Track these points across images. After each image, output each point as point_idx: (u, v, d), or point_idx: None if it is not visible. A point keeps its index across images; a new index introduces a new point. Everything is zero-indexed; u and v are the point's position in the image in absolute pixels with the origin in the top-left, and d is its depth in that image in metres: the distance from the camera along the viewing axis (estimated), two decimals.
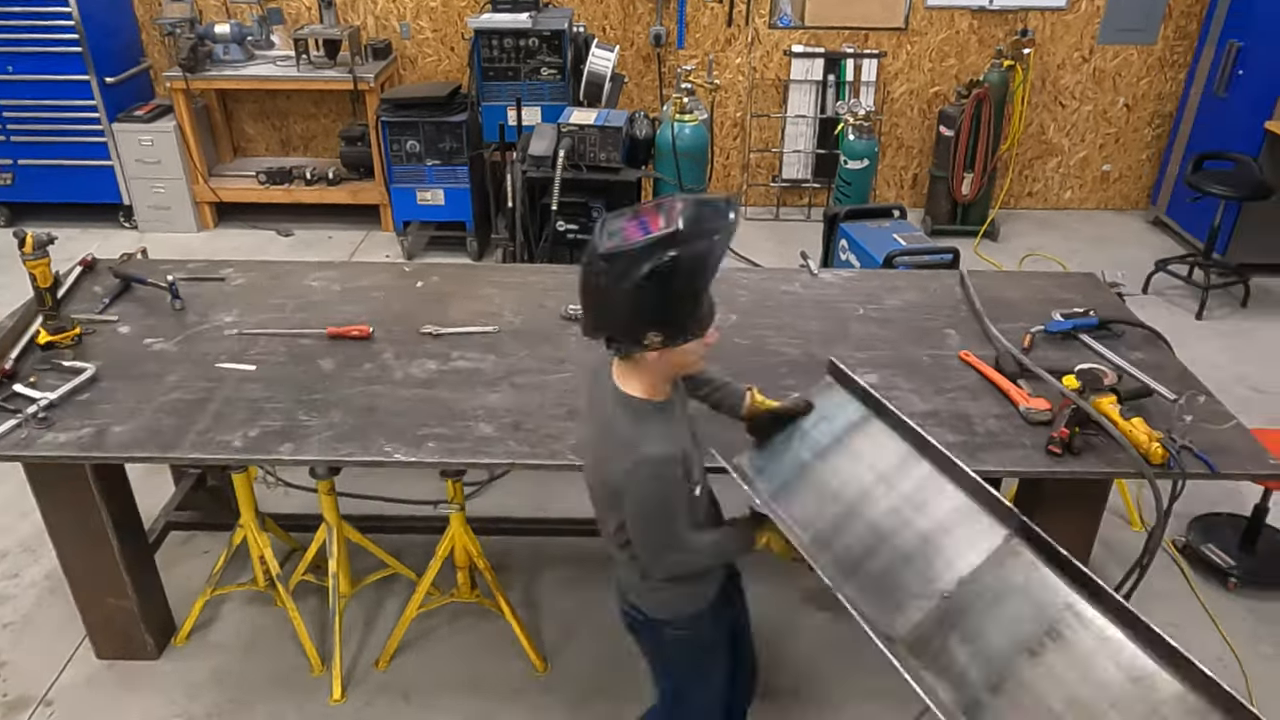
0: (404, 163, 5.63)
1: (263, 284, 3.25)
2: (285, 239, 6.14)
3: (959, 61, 6.26)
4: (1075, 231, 6.35)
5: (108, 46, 5.84)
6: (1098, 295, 3.27)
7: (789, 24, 6.18)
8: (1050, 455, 2.46)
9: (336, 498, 2.98)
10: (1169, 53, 6.22)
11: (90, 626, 2.99)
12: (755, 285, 3.32)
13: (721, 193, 1.71)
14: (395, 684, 2.98)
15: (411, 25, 6.23)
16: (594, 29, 6.07)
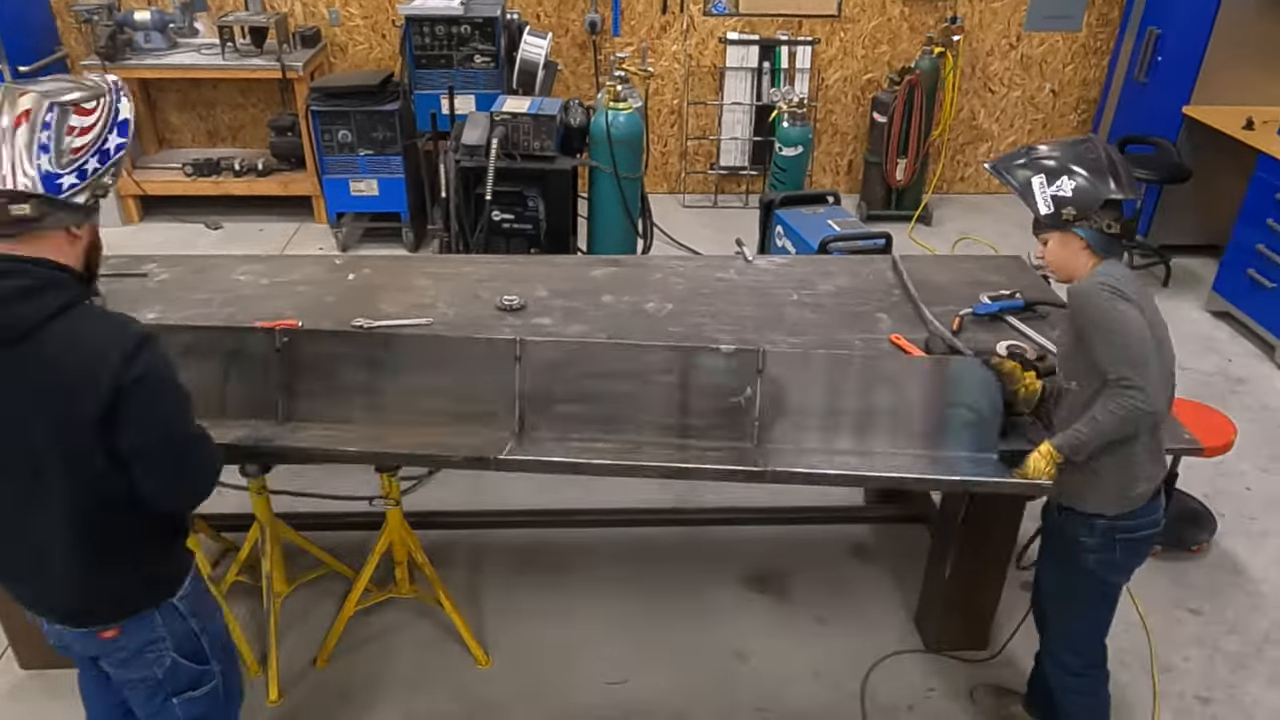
0: (336, 153, 5.52)
1: (187, 279, 3.17)
2: (214, 232, 5.98)
3: (891, 48, 6.34)
4: (1006, 216, 6.48)
5: (19, 34, 5.61)
6: (1024, 277, 3.35)
7: (724, 11, 6.20)
8: None
9: (269, 496, 2.92)
10: (1092, 39, 6.38)
11: (12, 635, 2.90)
12: (691, 273, 3.33)
13: None
14: (333, 682, 2.94)
15: (341, 12, 6.10)
16: (528, 16, 6.02)
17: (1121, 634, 3.17)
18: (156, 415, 1.75)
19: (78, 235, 1.73)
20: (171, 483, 1.83)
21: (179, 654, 1.97)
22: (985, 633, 3.07)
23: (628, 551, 3.48)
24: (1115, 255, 2.20)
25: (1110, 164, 2.16)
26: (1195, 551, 3.54)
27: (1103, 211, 2.15)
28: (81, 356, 1.66)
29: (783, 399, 2.50)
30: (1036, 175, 2.19)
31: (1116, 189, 2.14)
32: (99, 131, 1.70)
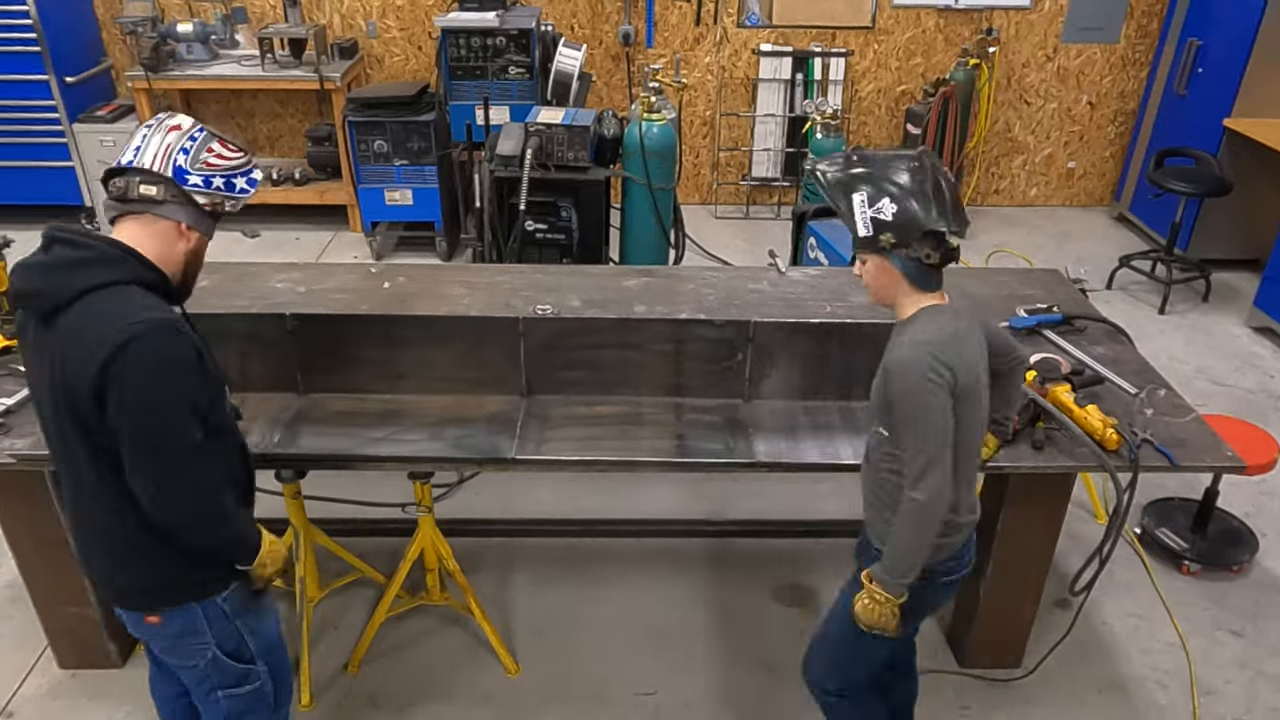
0: (371, 163, 5.59)
1: (227, 285, 3.21)
2: (251, 240, 5.97)
3: (925, 60, 6.31)
4: (1041, 228, 6.42)
5: (67, 46, 5.74)
6: (1061, 291, 3.32)
7: (757, 23, 6.20)
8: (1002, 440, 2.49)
9: (303, 501, 2.95)
10: (1131, 51, 6.31)
11: (52, 635, 2.94)
12: (723, 284, 3.32)
13: None
14: (364, 688, 2.96)
15: (378, 24, 6.18)
16: (562, 28, 6.06)
17: (1161, 655, 3.12)
18: (137, 407, 1.74)
19: (186, 234, 1.88)
20: (150, 485, 1.80)
21: (221, 650, 2.01)
22: (1020, 651, 3.03)
23: (658, 561, 3.47)
24: (933, 288, 2.04)
25: (937, 189, 1.97)
26: (1236, 571, 3.47)
27: (923, 241, 1.96)
28: (89, 334, 1.72)
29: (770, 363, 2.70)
30: (858, 191, 2.00)
31: (939, 219, 1.95)
32: (232, 167, 1.91)
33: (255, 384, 2.68)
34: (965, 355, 2.02)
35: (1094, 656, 3.11)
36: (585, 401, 2.69)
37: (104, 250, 1.78)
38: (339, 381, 2.67)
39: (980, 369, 2.08)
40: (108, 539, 1.91)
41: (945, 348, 1.98)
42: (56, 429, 1.84)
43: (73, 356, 1.73)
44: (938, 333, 1.99)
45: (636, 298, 3.17)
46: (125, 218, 1.85)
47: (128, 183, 1.83)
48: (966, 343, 2.04)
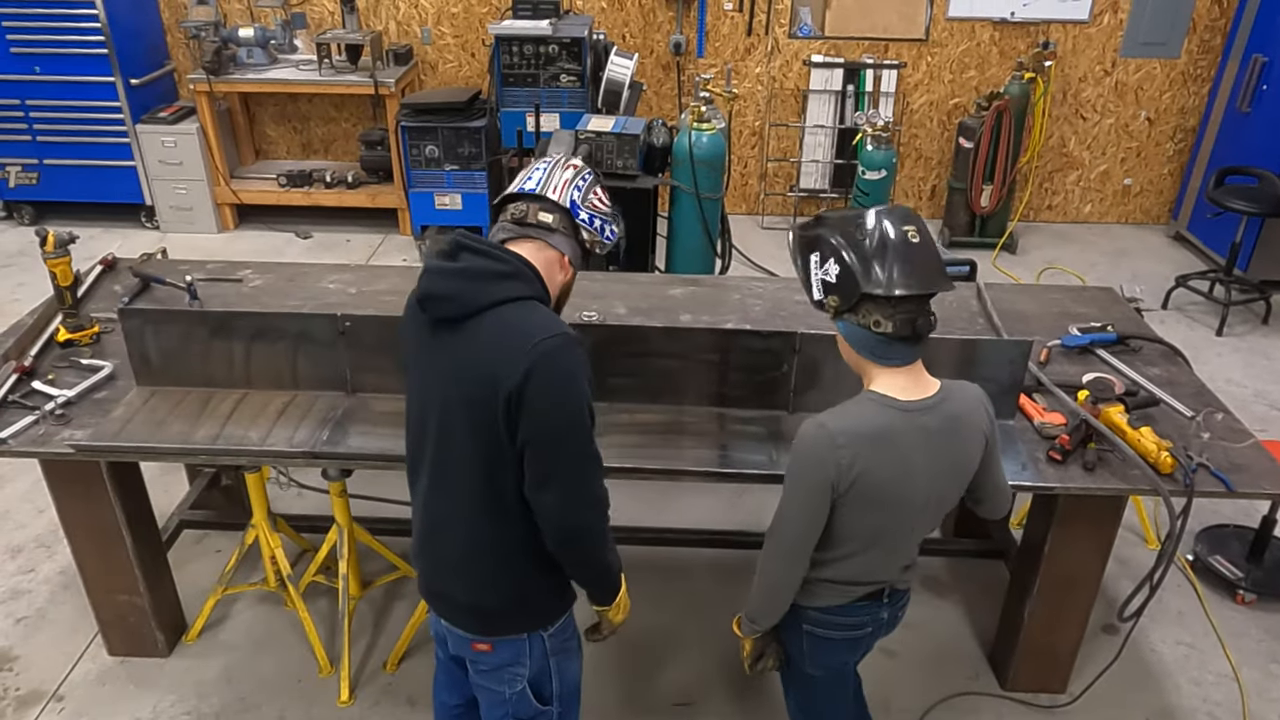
0: (423, 167, 5.66)
1: (280, 285, 3.27)
2: (304, 241, 6.18)
3: (979, 73, 6.24)
4: (1094, 245, 6.30)
5: (133, 49, 5.91)
6: (1116, 310, 3.25)
7: (809, 34, 6.18)
8: (1051, 462, 2.45)
9: (348, 499, 2.99)
10: (1192, 67, 6.17)
11: (103, 623, 3.01)
12: (770, 294, 3.31)
13: None
14: (402, 687, 2.98)
15: (433, 31, 6.27)
16: (614, 37, 6.09)
17: (1213, 686, 3.03)
18: (558, 414, 1.77)
19: (566, 268, 1.94)
20: (561, 491, 1.81)
21: (530, 684, 2.01)
22: (1065, 675, 2.96)
23: (694, 572, 3.46)
24: (892, 362, 1.83)
25: (884, 246, 1.76)
26: None
27: (869, 307, 1.78)
28: (504, 345, 1.75)
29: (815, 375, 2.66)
30: (815, 251, 1.85)
31: (877, 283, 1.75)
32: (608, 213, 2.01)
33: (305, 382, 2.72)
34: (885, 457, 1.82)
35: (1142, 685, 3.04)
36: (628, 409, 2.69)
37: (518, 266, 1.82)
38: (386, 382, 2.71)
39: (919, 479, 1.87)
40: (464, 554, 1.91)
41: (853, 443, 1.81)
42: (443, 432, 1.84)
43: (488, 363, 1.75)
44: (856, 422, 1.83)
45: (682, 306, 3.17)
46: (519, 240, 1.88)
47: (529, 208, 1.88)
48: (895, 447, 1.83)
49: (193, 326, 2.67)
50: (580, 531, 1.87)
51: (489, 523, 1.86)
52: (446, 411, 1.82)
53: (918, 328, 1.79)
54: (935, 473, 1.89)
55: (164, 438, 2.52)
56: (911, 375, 1.87)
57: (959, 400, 1.90)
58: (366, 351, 2.68)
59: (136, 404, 2.65)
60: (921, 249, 1.79)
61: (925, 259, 1.79)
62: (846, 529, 1.91)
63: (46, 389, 2.67)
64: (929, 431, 1.85)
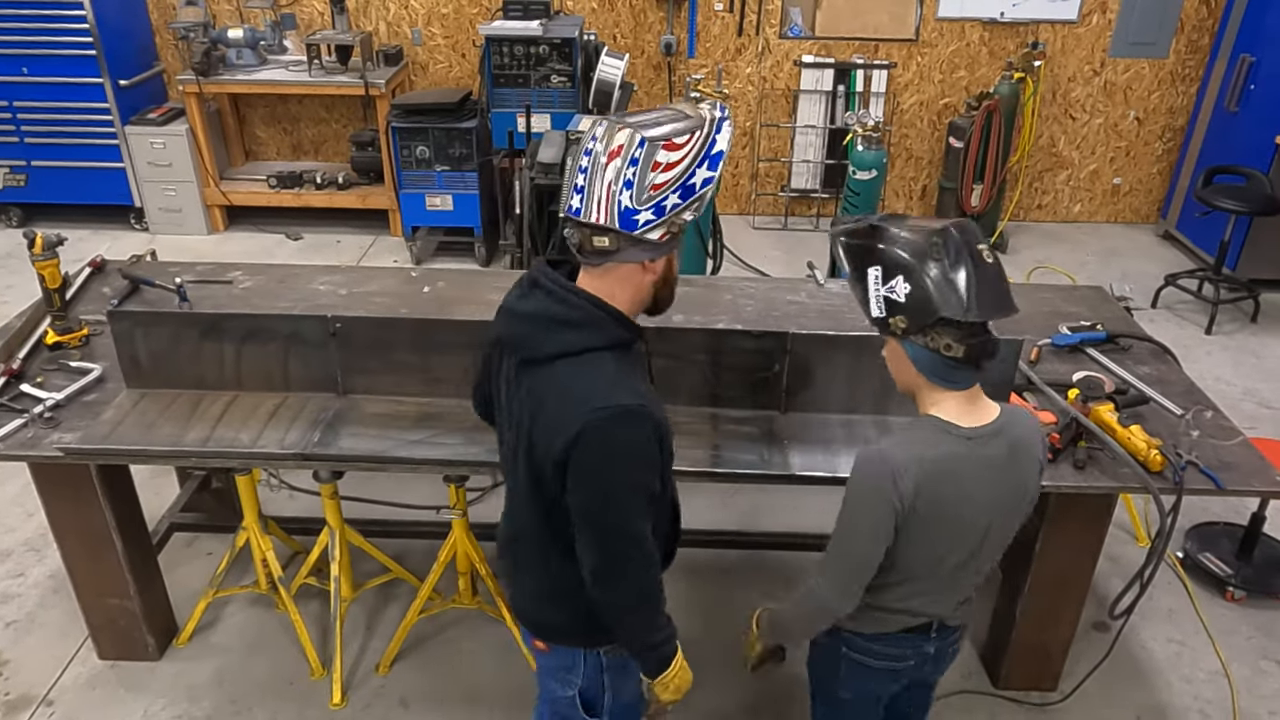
0: (413, 168, 5.65)
1: (270, 287, 3.26)
2: (294, 243, 6.16)
3: (969, 73, 6.26)
4: (1084, 244, 6.33)
5: (122, 50, 5.88)
6: (1106, 309, 3.26)
7: (799, 34, 6.19)
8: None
9: (340, 501, 2.98)
10: (1180, 66, 6.20)
11: (93, 627, 2.99)
12: (762, 294, 3.31)
13: None
14: (395, 689, 2.98)
15: (423, 31, 6.26)
16: (605, 37, 6.09)
17: (1203, 683, 3.05)
18: (591, 492, 1.69)
19: (650, 268, 1.74)
20: (593, 566, 1.74)
21: (581, 695, 2.00)
22: (1056, 673, 2.98)
23: (689, 573, 3.46)
24: (956, 385, 1.75)
25: (962, 268, 1.65)
26: None
27: (941, 330, 1.68)
28: (560, 406, 1.67)
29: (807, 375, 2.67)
30: (874, 265, 1.72)
31: (959, 306, 1.64)
32: (685, 167, 1.66)
33: (296, 384, 2.71)
34: (947, 488, 1.75)
35: (1133, 682, 3.05)
36: None
37: (589, 311, 1.70)
38: (377, 384, 2.70)
39: (980, 509, 1.79)
40: (532, 569, 1.94)
41: (915, 472, 1.72)
42: (512, 464, 1.84)
43: (540, 424, 1.70)
44: (919, 451, 1.74)
45: (674, 307, 3.16)
46: (588, 270, 1.74)
47: (580, 236, 1.69)
48: (957, 477, 1.75)
49: (182, 328, 2.66)
50: (610, 609, 1.79)
51: (551, 554, 1.84)
52: (516, 450, 1.80)
53: (988, 350, 1.71)
54: (997, 504, 1.81)
55: (154, 440, 2.51)
56: (970, 399, 1.78)
57: (1018, 427, 1.82)
58: (357, 353, 2.68)
59: (126, 406, 2.64)
60: (995, 269, 1.70)
61: (999, 280, 1.70)
62: (902, 558, 1.82)
63: (35, 392, 2.65)
64: (991, 460, 1.77)
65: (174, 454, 2.56)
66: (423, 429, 2.60)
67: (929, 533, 1.78)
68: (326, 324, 2.64)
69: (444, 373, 2.70)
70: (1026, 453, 1.82)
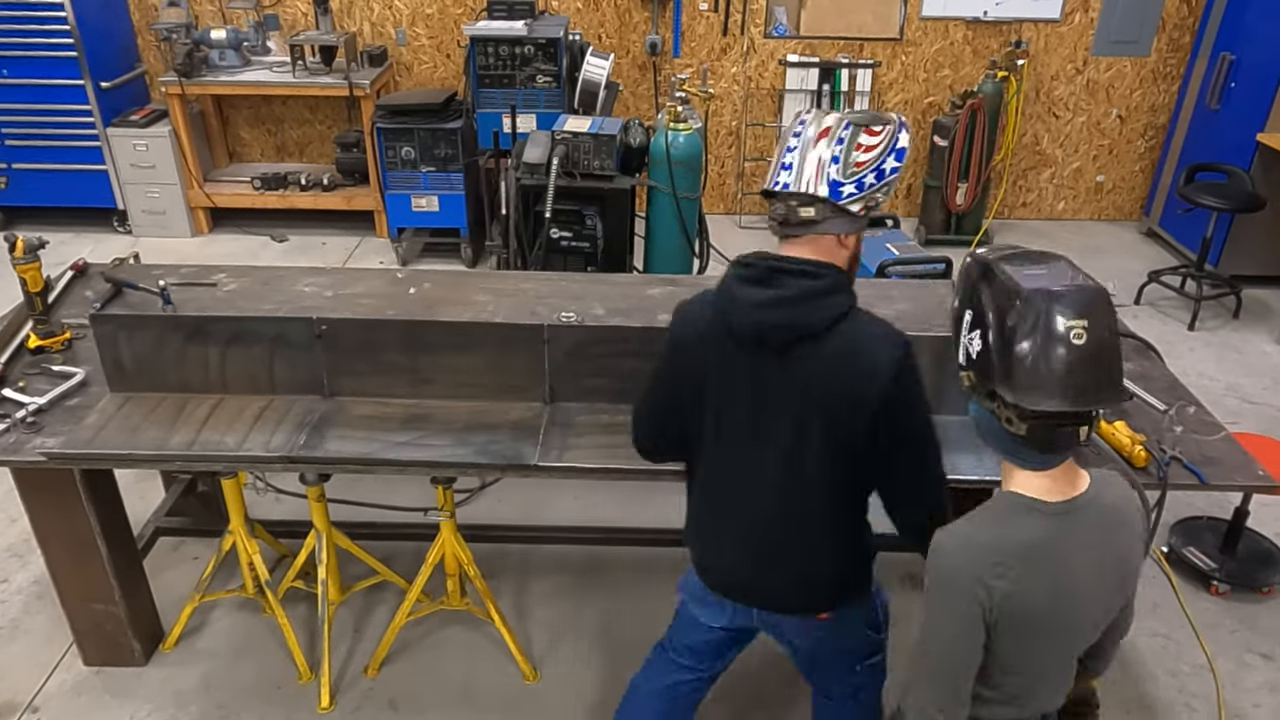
0: (399, 169, 5.63)
1: (255, 289, 3.24)
2: (279, 244, 6.13)
3: (953, 72, 6.29)
4: (1068, 242, 6.36)
5: (103, 51, 5.84)
6: None
7: (784, 33, 6.21)
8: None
9: (326, 504, 2.97)
10: (1162, 65, 6.25)
11: (78, 633, 2.97)
12: None
13: None
14: (383, 692, 2.97)
15: (407, 32, 6.24)
16: (590, 37, 6.09)
17: (1189, 676, 3.07)
18: (914, 419, 1.85)
19: (845, 243, 1.87)
20: (924, 481, 1.90)
21: (870, 628, 2.16)
22: None
23: (676, 571, 3.45)
24: (1029, 465, 1.55)
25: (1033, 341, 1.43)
26: (1266, 594, 3.41)
27: (999, 401, 1.51)
28: (865, 353, 1.80)
29: None
30: (970, 308, 1.56)
31: (1010, 385, 1.47)
32: (880, 152, 1.83)
33: (281, 387, 2.70)
34: (1041, 579, 1.53)
35: (1119, 676, 3.07)
36: (608, 410, 2.69)
37: (836, 276, 1.83)
38: (364, 385, 2.69)
39: (1081, 599, 1.59)
40: (819, 547, 1.99)
41: (1006, 561, 1.52)
42: (789, 454, 1.89)
43: (840, 387, 1.80)
44: (1007, 534, 1.54)
45: (661, 306, 3.17)
46: (792, 242, 1.87)
47: (788, 207, 1.84)
48: (1052, 561, 1.54)
49: (166, 331, 2.65)
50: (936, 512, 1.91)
51: (844, 519, 1.98)
52: (792, 434, 1.87)
53: (1056, 440, 1.50)
54: (1097, 583, 1.61)
55: (138, 444, 2.50)
56: (1056, 474, 1.56)
57: (1112, 492, 1.63)
58: (344, 355, 2.67)
59: (110, 410, 2.62)
60: (1086, 353, 1.43)
61: (1088, 366, 1.44)
62: (1001, 662, 1.61)
63: (17, 396, 2.63)
64: (1086, 535, 1.57)
65: (159, 458, 2.55)
66: (410, 430, 2.59)
67: (1028, 630, 1.57)
68: (312, 326, 2.63)
69: (431, 374, 2.70)
70: (1125, 518, 1.63)
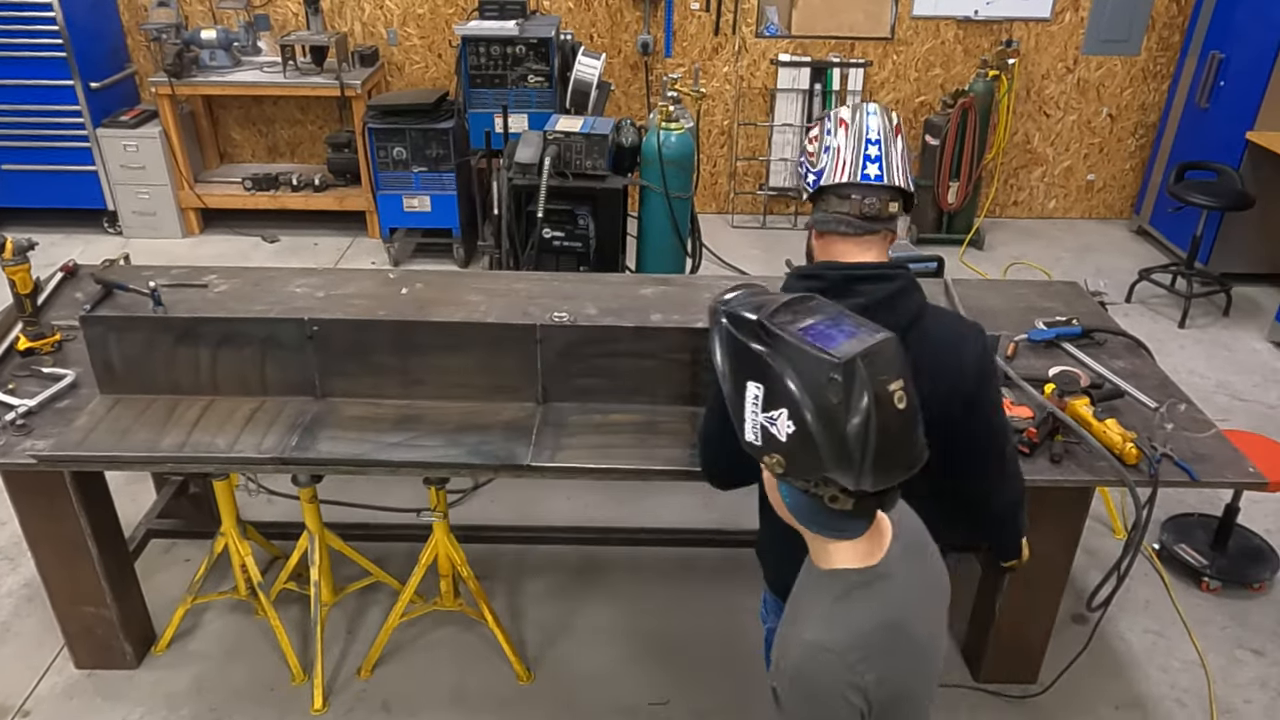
0: (391, 169, 5.62)
1: (245, 290, 3.23)
2: (271, 245, 6.11)
3: (944, 71, 6.30)
4: (1059, 240, 6.39)
5: (92, 51, 5.81)
6: (1081, 304, 3.29)
7: (775, 33, 6.21)
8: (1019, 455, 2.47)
9: (319, 505, 2.96)
10: (1152, 63, 6.28)
11: (69, 635, 2.96)
12: None
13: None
14: (377, 693, 2.96)
15: (399, 32, 6.23)
16: (581, 37, 6.09)
17: (1180, 672, 3.08)
18: (995, 404, 1.91)
19: (891, 238, 1.88)
20: (1005, 469, 1.96)
21: None
22: (1036, 666, 3.00)
23: (671, 571, 3.47)
24: (847, 534, 1.39)
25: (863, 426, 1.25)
26: (1257, 590, 3.43)
27: (827, 483, 1.31)
28: (953, 343, 1.82)
29: None
30: (756, 380, 1.32)
31: (846, 473, 1.28)
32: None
33: (273, 388, 2.69)
34: (896, 646, 1.40)
35: (1111, 673, 3.08)
36: (601, 410, 2.69)
37: (907, 276, 1.83)
38: (356, 386, 2.69)
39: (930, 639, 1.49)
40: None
41: (863, 655, 1.35)
42: None
43: (940, 376, 1.76)
44: (848, 631, 1.37)
45: (653, 306, 3.17)
46: (866, 237, 1.80)
47: (879, 202, 1.79)
48: (902, 629, 1.41)
49: (157, 333, 2.63)
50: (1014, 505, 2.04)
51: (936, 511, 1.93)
52: None
53: (885, 503, 1.37)
54: (933, 604, 1.54)
55: (129, 446, 2.48)
56: (869, 532, 1.43)
57: (910, 526, 1.54)
58: (335, 355, 2.66)
59: (100, 412, 2.61)
60: (906, 416, 1.30)
61: (906, 431, 1.32)
62: None
63: (7, 399, 2.61)
64: (910, 574, 1.47)
65: (150, 460, 2.53)
66: (402, 431, 2.58)
67: (904, 702, 1.44)
68: (304, 327, 2.62)
69: (423, 374, 2.69)
70: (927, 548, 1.56)
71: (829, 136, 1.84)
